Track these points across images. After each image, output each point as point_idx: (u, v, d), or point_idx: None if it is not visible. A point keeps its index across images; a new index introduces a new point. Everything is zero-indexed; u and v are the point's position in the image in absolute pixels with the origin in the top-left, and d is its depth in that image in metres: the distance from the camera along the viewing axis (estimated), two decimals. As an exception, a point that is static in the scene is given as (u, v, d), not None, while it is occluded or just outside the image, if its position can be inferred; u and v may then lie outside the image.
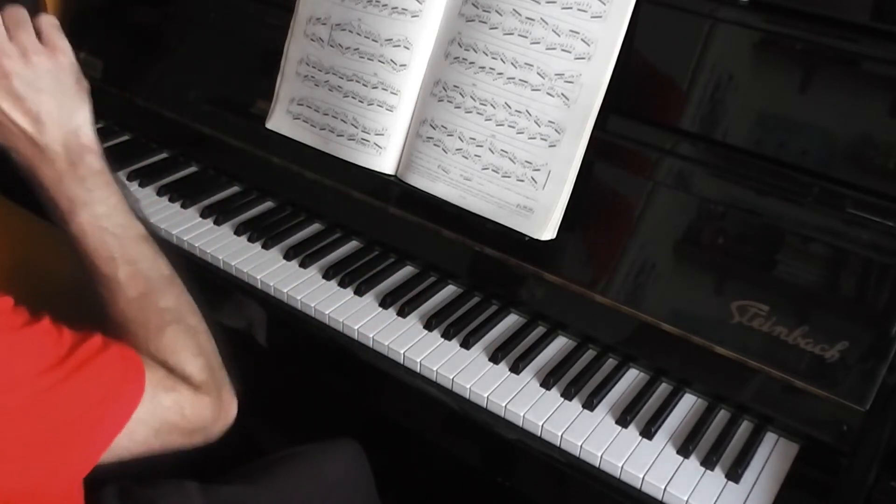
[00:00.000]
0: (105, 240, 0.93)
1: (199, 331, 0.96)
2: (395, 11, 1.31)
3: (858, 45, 1.06)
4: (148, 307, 0.93)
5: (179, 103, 1.59)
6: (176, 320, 0.93)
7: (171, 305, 0.94)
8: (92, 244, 0.93)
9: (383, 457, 1.36)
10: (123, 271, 0.92)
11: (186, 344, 0.93)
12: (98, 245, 0.93)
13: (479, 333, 1.22)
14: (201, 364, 0.94)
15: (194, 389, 0.91)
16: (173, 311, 0.94)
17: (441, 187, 1.28)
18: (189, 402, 0.90)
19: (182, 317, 0.94)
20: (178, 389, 0.89)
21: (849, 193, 1.05)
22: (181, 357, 0.93)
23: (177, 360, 0.91)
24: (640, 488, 1.03)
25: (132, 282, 0.93)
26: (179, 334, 0.93)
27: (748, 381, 1.07)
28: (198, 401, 0.91)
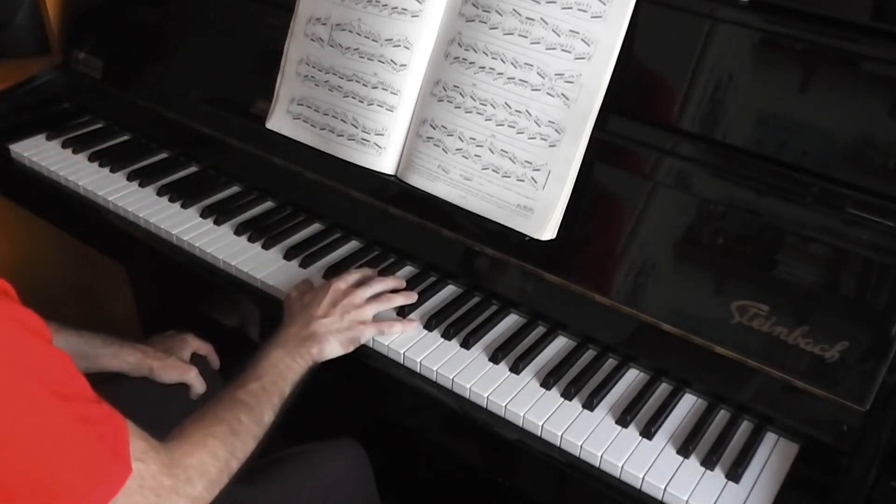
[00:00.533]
0: (269, 369, 1.10)
1: (229, 467, 1.00)
2: (395, 11, 1.31)
3: (858, 45, 1.06)
4: (230, 412, 1.03)
5: (179, 103, 1.59)
6: (229, 442, 1.00)
7: (242, 432, 1.02)
8: (262, 363, 1.11)
9: (383, 457, 1.36)
10: (253, 386, 1.07)
11: (212, 461, 0.97)
12: (264, 366, 1.11)
13: (479, 333, 1.22)
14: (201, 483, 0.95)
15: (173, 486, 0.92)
16: (238, 435, 1.02)
17: (441, 187, 1.28)
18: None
19: (234, 452, 1.00)
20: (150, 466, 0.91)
21: (849, 193, 1.05)
22: (199, 465, 0.95)
23: (192, 463, 0.95)
24: (640, 488, 1.03)
25: (248, 395, 1.06)
26: (218, 454, 0.98)
27: (748, 381, 1.07)
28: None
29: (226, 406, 1.04)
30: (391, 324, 1.21)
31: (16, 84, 1.73)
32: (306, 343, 1.15)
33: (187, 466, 0.93)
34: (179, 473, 0.92)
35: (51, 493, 0.82)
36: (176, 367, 1.30)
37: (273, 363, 1.11)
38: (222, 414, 1.02)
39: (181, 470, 0.92)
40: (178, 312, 1.53)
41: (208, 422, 1.00)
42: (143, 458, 0.88)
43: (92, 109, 1.76)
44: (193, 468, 0.94)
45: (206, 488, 0.95)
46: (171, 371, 1.29)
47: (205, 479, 0.95)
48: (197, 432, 0.98)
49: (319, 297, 1.20)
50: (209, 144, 1.56)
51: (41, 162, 1.60)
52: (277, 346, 1.14)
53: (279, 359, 1.12)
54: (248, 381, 1.08)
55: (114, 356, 1.28)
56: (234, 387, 1.08)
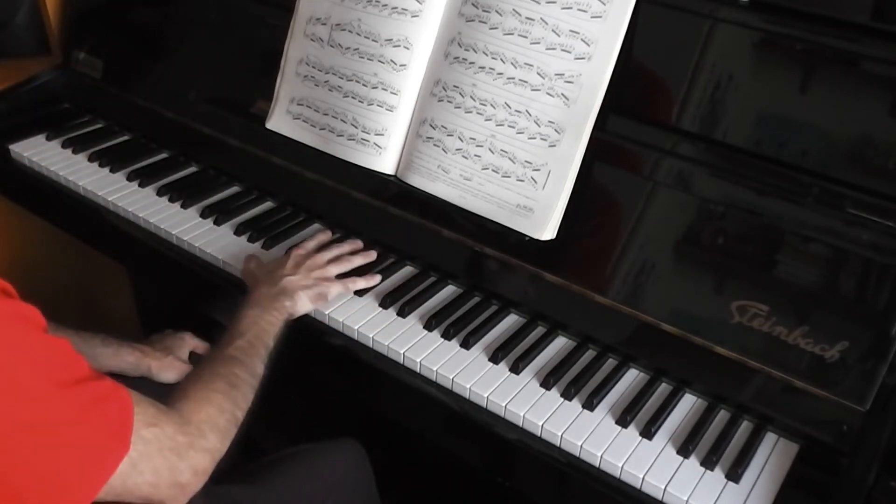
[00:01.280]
0: (250, 325, 1.16)
1: (235, 417, 1.03)
2: (395, 11, 1.31)
3: (858, 45, 1.06)
4: (225, 367, 1.07)
5: (179, 103, 1.59)
6: (230, 395, 1.04)
7: (239, 384, 1.06)
8: (242, 321, 1.16)
9: (384, 457, 1.36)
10: (240, 342, 1.12)
11: (219, 414, 1.00)
12: (245, 323, 1.16)
13: (479, 333, 1.22)
14: (214, 435, 0.98)
15: (185, 439, 0.94)
16: (236, 387, 1.06)
17: (441, 187, 1.28)
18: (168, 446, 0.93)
19: (237, 403, 1.04)
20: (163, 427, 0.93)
21: (849, 193, 1.05)
22: (208, 419, 0.98)
23: (202, 419, 0.98)
24: (640, 488, 1.03)
25: (237, 350, 1.11)
26: (223, 406, 1.02)
27: (748, 381, 1.07)
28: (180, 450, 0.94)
29: (219, 363, 1.08)
30: (354, 280, 1.28)
31: (16, 84, 1.73)
32: (279, 298, 1.20)
33: (199, 423, 0.96)
34: (192, 430, 0.95)
35: (53, 482, 0.83)
36: (174, 366, 1.31)
37: (252, 321, 1.16)
38: (218, 370, 1.06)
39: (193, 426, 0.95)
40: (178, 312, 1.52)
41: (206, 379, 1.04)
42: (155, 421, 0.91)
43: (92, 109, 1.76)
44: (204, 423, 0.97)
45: (219, 439, 0.98)
46: (169, 370, 1.30)
47: (216, 431, 0.98)
48: (199, 390, 1.01)
49: (282, 261, 1.27)
50: (209, 144, 1.56)
51: (41, 162, 1.60)
52: (252, 307, 1.18)
53: (257, 316, 1.17)
54: (233, 339, 1.13)
55: (113, 355, 1.29)
56: (222, 346, 1.12)
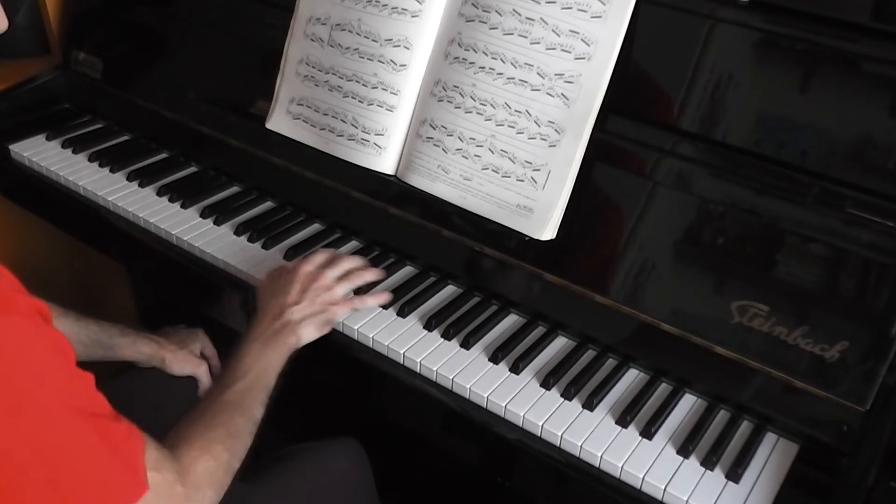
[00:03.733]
0: (252, 364, 1.12)
1: (231, 468, 1.02)
2: (395, 11, 1.31)
3: (858, 45, 1.06)
4: (225, 414, 1.04)
5: (179, 103, 1.59)
6: (229, 445, 1.01)
7: (238, 432, 1.04)
8: (244, 359, 1.12)
9: (383, 457, 1.36)
10: (240, 385, 1.09)
11: (218, 467, 0.98)
12: (247, 362, 1.12)
13: (479, 333, 1.22)
14: (211, 490, 0.97)
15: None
16: (235, 436, 1.03)
17: (441, 187, 1.28)
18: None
19: (235, 453, 1.02)
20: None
21: (849, 193, 1.05)
22: (206, 473, 0.96)
23: (201, 472, 0.96)
24: (640, 488, 1.03)
25: (237, 394, 1.08)
26: (222, 458, 0.99)
27: (748, 381, 1.07)
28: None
29: (218, 409, 1.05)
30: (363, 299, 1.24)
31: (16, 84, 1.73)
32: (282, 333, 1.16)
33: (197, 475, 0.94)
34: (190, 482, 0.93)
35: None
36: (188, 360, 1.32)
37: (254, 359, 1.13)
38: (218, 418, 1.03)
39: (191, 478, 0.93)
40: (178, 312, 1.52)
41: (206, 427, 1.01)
42: (158, 467, 0.89)
43: (92, 109, 1.76)
44: (201, 476, 0.95)
45: (216, 493, 0.97)
46: (183, 363, 1.31)
47: (213, 485, 0.96)
48: (198, 438, 0.99)
49: (288, 285, 1.21)
50: (209, 144, 1.56)
51: (41, 162, 1.60)
52: (255, 340, 1.15)
53: (259, 353, 1.13)
54: (233, 381, 1.09)
55: (130, 345, 1.30)
56: (221, 388, 1.09)
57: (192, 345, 1.36)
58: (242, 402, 1.07)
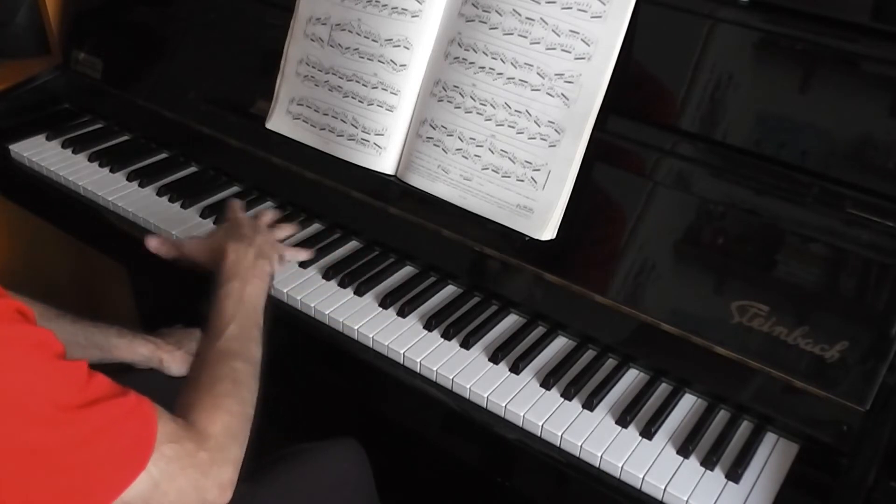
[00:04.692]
0: (236, 306, 1.11)
1: (247, 415, 1.01)
2: (395, 11, 1.31)
3: (858, 45, 1.06)
4: (224, 366, 1.04)
5: (179, 103, 1.59)
6: (237, 394, 1.01)
7: (242, 379, 1.03)
8: (226, 302, 1.12)
9: (383, 457, 1.36)
10: (231, 331, 1.08)
11: (233, 419, 0.98)
12: (230, 305, 1.11)
13: (479, 333, 1.22)
14: (234, 445, 0.96)
15: (203, 453, 0.92)
16: (240, 383, 1.03)
17: (441, 187, 1.28)
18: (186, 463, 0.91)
19: (245, 400, 1.02)
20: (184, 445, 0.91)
21: (849, 193, 1.05)
22: (225, 429, 0.96)
23: (219, 430, 0.95)
24: (640, 488, 1.03)
25: (230, 341, 1.07)
26: (234, 409, 0.99)
27: (748, 381, 1.07)
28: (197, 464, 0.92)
29: (215, 361, 1.04)
30: (297, 250, 1.32)
31: (16, 84, 1.73)
32: (256, 265, 1.17)
33: (217, 435, 0.94)
34: (211, 444, 0.93)
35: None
36: (186, 360, 1.31)
37: (237, 298, 1.12)
38: (218, 371, 1.02)
39: (212, 440, 0.93)
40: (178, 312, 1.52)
41: (208, 383, 1.00)
42: (176, 439, 0.89)
43: (92, 109, 1.76)
44: (221, 434, 0.94)
45: (239, 446, 0.96)
46: (181, 364, 1.30)
47: (235, 440, 0.96)
48: (206, 398, 0.98)
49: (236, 227, 1.25)
50: (209, 144, 1.56)
51: (41, 162, 1.60)
52: (231, 279, 1.14)
53: (240, 291, 1.13)
54: (222, 328, 1.08)
55: (127, 346, 1.29)
56: (212, 338, 1.08)
57: (189, 345, 1.35)
58: (238, 347, 1.06)
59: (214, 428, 0.94)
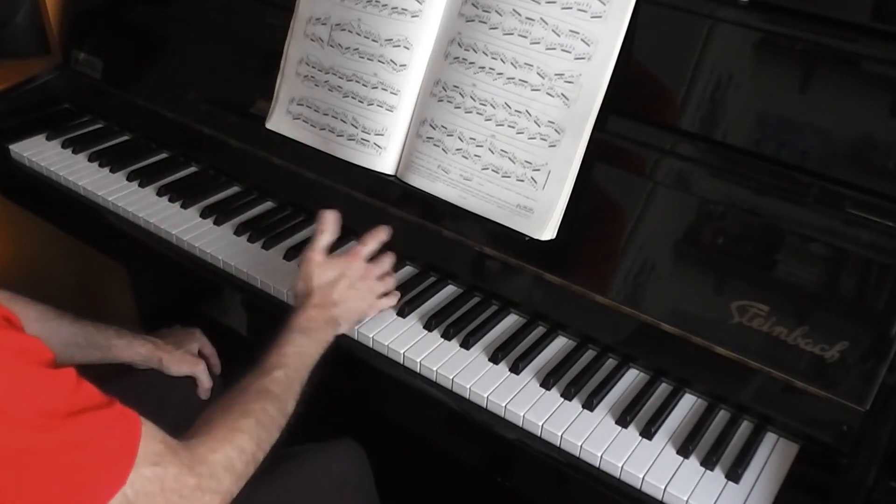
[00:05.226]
0: (294, 357, 1.11)
1: (256, 458, 1.00)
2: (394, 11, 1.31)
3: (858, 45, 1.06)
4: (257, 403, 1.02)
5: (179, 103, 1.59)
6: (255, 434, 1.00)
7: (267, 423, 1.02)
8: (286, 349, 1.11)
9: (383, 457, 1.36)
10: (278, 374, 1.07)
11: (238, 456, 0.97)
12: (289, 353, 1.11)
13: (479, 333, 1.22)
14: (229, 479, 0.95)
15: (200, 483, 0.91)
16: (264, 426, 1.02)
17: (441, 187, 1.28)
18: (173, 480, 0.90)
19: (261, 444, 1.01)
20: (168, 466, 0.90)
21: (849, 193, 1.05)
22: (225, 461, 0.95)
23: (218, 460, 0.94)
24: (640, 488, 1.03)
25: (274, 383, 1.06)
26: (244, 447, 0.98)
27: (748, 381, 1.07)
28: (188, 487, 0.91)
29: (252, 397, 1.03)
30: (389, 297, 1.25)
31: (16, 84, 1.73)
32: (327, 328, 1.16)
33: (212, 464, 0.93)
34: (203, 471, 0.91)
35: None
36: (185, 360, 1.31)
37: (297, 350, 1.11)
38: (249, 406, 1.01)
39: (205, 467, 0.92)
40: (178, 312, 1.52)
41: (235, 415, 0.99)
42: (159, 461, 0.88)
43: (92, 109, 1.76)
44: (219, 464, 0.93)
45: (234, 482, 0.95)
46: (180, 364, 1.30)
47: (231, 473, 0.95)
48: (222, 427, 0.97)
49: (337, 279, 1.19)
50: (209, 144, 1.56)
51: (41, 162, 1.60)
52: (298, 331, 1.13)
53: (302, 345, 1.12)
54: (273, 368, 1.07)
55: (126, 347, 1.29)
56: (260, 374, 1.07)
57: (189, 345, 1.35)
58: (279, 393, 1.05)
59: (214, 456, 0.94)
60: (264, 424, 1.01)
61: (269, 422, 1.02)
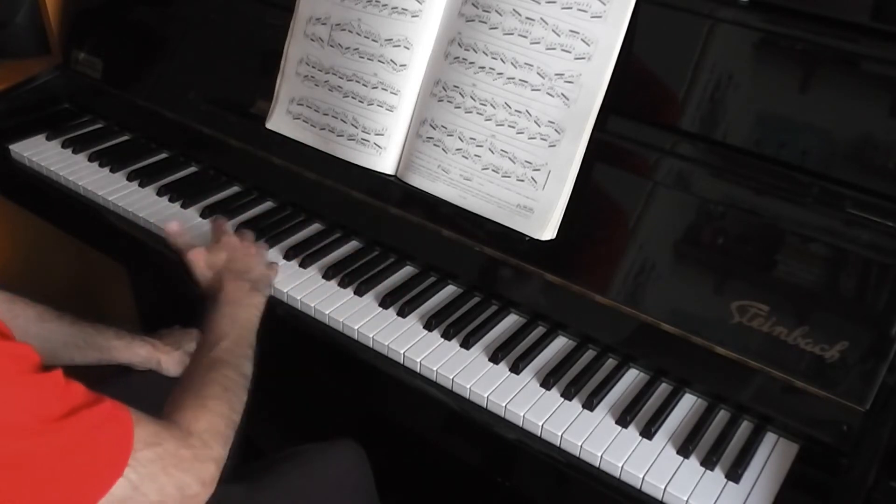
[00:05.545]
0: (230, 325, 1.16)
1: (233, 420, 1.03)
2: (395, 11, 1.31)
3: (858, 45, 1.06)
4: (215, 372, 1.07)
5: (179, 103, 1.59)
6: (226, 398, 1.03)
7: (231, 386, 1.06)
8: (220, 321, 1.17)
9: (383, 457, 1.36)
10: (224, 344, 1.12)
11: (219, 420, 1.00)
12: (225, 323, 1.16)
13: (479, 333, 1.22)
14: (217, 444, 0.98)
15: (188, 452, 0.93)
16: (230, 390, 1.05)
17: (441, 187, 1.28)
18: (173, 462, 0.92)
19: (233, 406, 1.04)
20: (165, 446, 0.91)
21: (849, 193, 1.05)
22: (209, 428, 0.98)
23: (203, 428, 0.97)
24: (640, 488, 1.03)
25: (223, 352, 1.11)
26: (221, 411, 1.01)
27: (748, 381, 1.07)
28: (185, 464, 0.93)
29: (206, 368, 1.07)
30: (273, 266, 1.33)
31: (16, 84, 1.73)
32: (249, 294, 1.22)
33: (200, 433, 0.96)
34: (194, 442, 0.94)
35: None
36: (184, 360, 1.31)
37: (231, 319, 1.17)
38: (208, 376, 1.05)
39: (195, 438, 0.95)
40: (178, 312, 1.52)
41: (198, 385, 1.03)
42: (157, 440, 0.90)
43: (92, 109, 1.76)
44: (206, 432, 0.96)
45: (222, 446, 0.98)
46: (179, 365, 1.31)
47: (218, 438, 0.97)
48: (193, 399, 1.00)
49: (229, 255, 1.28)
50: (209, 144, 1.56)
51: (41, 162, 1.60)
52: (225, 304, 1.19)
53: (233, 314, 1.18)
54: (215, 341, 1.12)
55: (125, 348, 1.30)
56: (205, 349, 1.12)
57: (187, 345, 1.35)
58: (230, 359, 1.10)
59: (198, 425, 0.96)
60: (229, 388, 1.05)
61: (234, 385, 1.06)
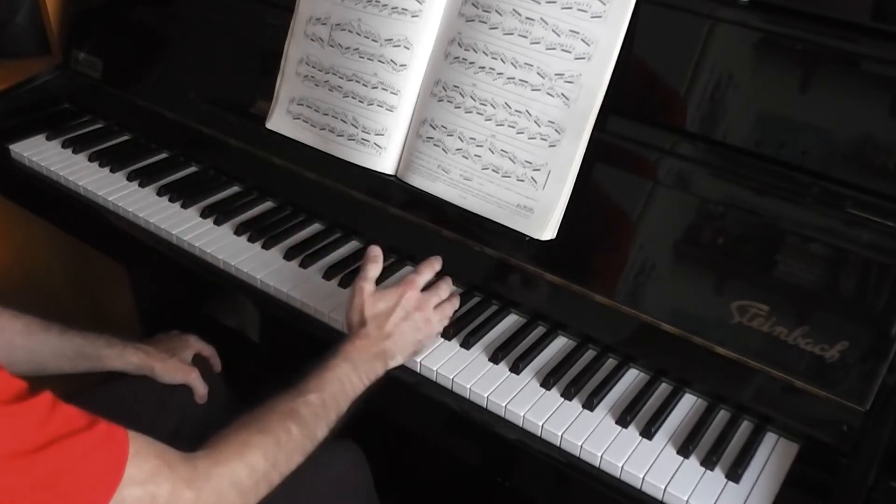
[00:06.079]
0: (333, 384, 1.07)
1: (269, 480, 0.97)
2: (395, 11, 1.31)
3: (858, 45, 1.06)
4: (281, 423, 0.99)
5: (179, 103, 1.59)
6: (271, 454, 0.97)
7: (287, 445, 0.99)
8: (327, 374, 1.08)
9: (383, 457, 1.36)
10: (312, 398, 1.04)
11: (245, 472, 0.94)
12: (329, 379, 1.07)
13: (479, 333, 1.22)
14: (234, 495, 0.93)
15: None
16: (282, 448, 0.98)
17: (441, 187, 1.28)
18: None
19: (276, 464, 0.98)
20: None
21: (849, 193, 1.05)
22: (230, 475, 0.92)
23: (223, 473, 0.92)
24: (640, 488, 1.03)
25: (305, 406, 1.03)
26: (255, 464, 0.95)
27: (748, 381, 1.07)
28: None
29: (277, 416, 1.00)
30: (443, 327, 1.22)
31: (16, 84, 1.73)
32: (376, 361, 1.13)
33: (215, 478, 0.90)
34: (203, 486, 0.89)
35: None
36: (178, 368, 1.30)
37: (339, 377, 1.08)
38: (272, 424, 0.99)
39: (206, 482, 0.90)
40: (178, 313, 1.53)
41: (253, 430, 0.97)
42: (150, 479, 0.86)
43: (92, 109, 1.76)
44: (223, 479, 0.91)
45: (239, 499, 0.92)
46: (173, 372, 1.29)
47: (237, 490, 0.92)
48: (236, 441, 0.95)
49: (392, 309, 1.16)
50: (209, 144, 1.56)
51: (41, 162, 1.60)
52: (346, 360, 1.10)
53: (345, 374, 1.09)
54: (308, 391, 1.04)
55: (117, 356, 1.28)
56: (293, 395, 1.04)
57: (182, 352, 1.34)
58: (308, 416, 1.02)
59: (218, 470, 0.91)
60: (284, 446, 0.98)
61: (291, 444, 0.99)
